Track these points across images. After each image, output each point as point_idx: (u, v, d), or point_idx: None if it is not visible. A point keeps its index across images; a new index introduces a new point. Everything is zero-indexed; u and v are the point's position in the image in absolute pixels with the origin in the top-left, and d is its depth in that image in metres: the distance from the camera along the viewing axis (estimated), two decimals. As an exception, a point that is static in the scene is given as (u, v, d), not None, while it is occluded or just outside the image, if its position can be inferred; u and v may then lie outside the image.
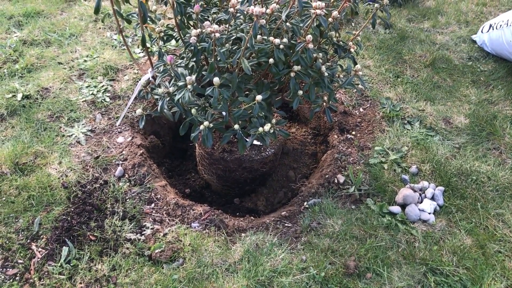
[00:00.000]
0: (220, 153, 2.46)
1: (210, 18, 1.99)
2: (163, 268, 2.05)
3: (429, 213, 2.34)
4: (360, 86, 2.12)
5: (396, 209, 2.34)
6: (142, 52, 3.39)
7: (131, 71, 3.18)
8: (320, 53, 2.02)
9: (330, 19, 1.87)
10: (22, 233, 2.16)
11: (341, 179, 2.50)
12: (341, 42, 2.11)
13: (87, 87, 3.00)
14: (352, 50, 2.07)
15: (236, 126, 1.95)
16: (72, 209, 2.26)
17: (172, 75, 1.94)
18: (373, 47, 3.58)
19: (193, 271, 2.03)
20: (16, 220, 2.21)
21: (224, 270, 2.05)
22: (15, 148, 2.51)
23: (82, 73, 3.13)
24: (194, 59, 1.88)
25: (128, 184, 2.42)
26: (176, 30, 2.04)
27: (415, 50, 3.58)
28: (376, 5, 2.07)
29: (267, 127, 1.89)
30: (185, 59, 2.07)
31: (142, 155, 2.57)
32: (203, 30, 1.73)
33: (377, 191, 2.46)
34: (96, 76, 3.09)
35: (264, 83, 2.05)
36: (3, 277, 1.99)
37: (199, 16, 1.92)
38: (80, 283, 1.98)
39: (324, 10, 1.75)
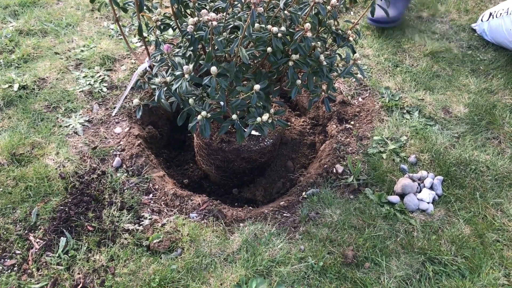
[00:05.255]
0: (218, 144, 2.45)
1: (207, 7, 1.97)
2: (161, 258, 2.05)
3: (428, 203, 2.34)
4: (359, 75, 2.11)
5: (394, 198, 2.34)
6: (139, 41, 3.36)
7: (128, 61, 3.16)
8: (318, 42, 2.00)
9: (328, 7, 1.85)
10: (20, 224, 2.15)
11: (340, 169, 2.49)
12: (340, 31, 2.09)
13: (84, 77, 2.98)
14: (351, 39, 2.05)
15: (234, 116, 1.93)
16: (70, 200, 2.26)
17: (169, 64, 1.92)
18: (372, 36, 3.56)
19: (191, 261, 2.03)
20: (14, 211, 2.20)
21: (222, 260, 2.05)
22: (12, 139, 2.49)
23: (79, 63, 3.11)
24: (191, 48, 1.86)
25: (126, 174, 2.42)
26: (173, 19, 2.01)
27: (414, 39, 3.55)
28: (375, -7, 2.05)
29: (265, 117, 1.88)
30: (182, 48, 2.05)
31: (139, 145, 2.56)
32: (200, 19, 1.71)
33: (376, 181, 2.46)
34: (93, 66, 3.07)
35: (262, 72, 2.04)
36: (1, 267, 1.99)
37: (196, 4, 1.90)
38: (78, 273, 1.98)
39: (322, -2, 1.73)
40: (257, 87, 1.80)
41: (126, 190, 2.34)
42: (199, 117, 1.87)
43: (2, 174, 2.33)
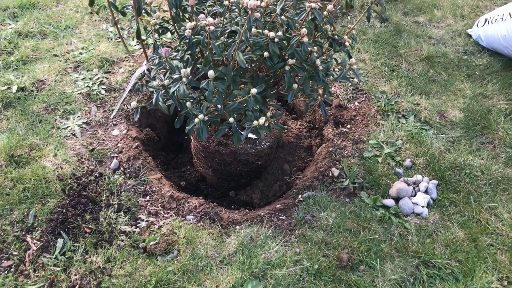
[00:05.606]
0: (215, 146, 2.47)
1: (205, 11, 1.99)
2: (157, 260, 2.06)
3: (423, 207, 2.36)
4: (355, 79, 2.13)
5: (389, 202, 2.36)
6: (138, 44, 3.38)
7: (127, 64, 3.18)
8: (315, 47, 2.02)
9: (325, 13, 1.87)
10: (17, 225, 2.16)
11: (336, 172, 2.51)
12: (336, 36, 2.11)
13: (82, 79, 3.00)
14: (347, 43, 2.08)
15: (231, 119, 1.95)
16: (67, 202, 2.27)
17: (167, 67, 1.94)
18: (369, 40, 3.58)
19: (187, 263, 2.04)
20: (11, 212, 2.21)
21: (218, 262, 2.06)
22: (10, 140, 2.50)
23: (78, 65, 3.13)
24: (189, 52, 1.88)
25: (123, 176, 2.43)
26: (171, 23, 2.03)
27: (410, 44, 3.58)
28: (371, -2, 2.07)
29: (261, 120, 1.90)
30: (180, 51, 2.07)
31: (137, 147, 2.57)
32: (198, 23, 1.73)
33: (371, 185, 2.48)
34: (91, 69, 3.09)
35: (259, 76, 2.06)
36: (-2, 268, 2.00)
37: (194, 8, 1.92)
38: (75, 274, 1.99)
39: (319, 4, 1.75)
40: (254, 90, 1.82)
41: (123, 192, 2.35)
42: (196, 120, 1.88)
43: (0, 175, 2.34)
